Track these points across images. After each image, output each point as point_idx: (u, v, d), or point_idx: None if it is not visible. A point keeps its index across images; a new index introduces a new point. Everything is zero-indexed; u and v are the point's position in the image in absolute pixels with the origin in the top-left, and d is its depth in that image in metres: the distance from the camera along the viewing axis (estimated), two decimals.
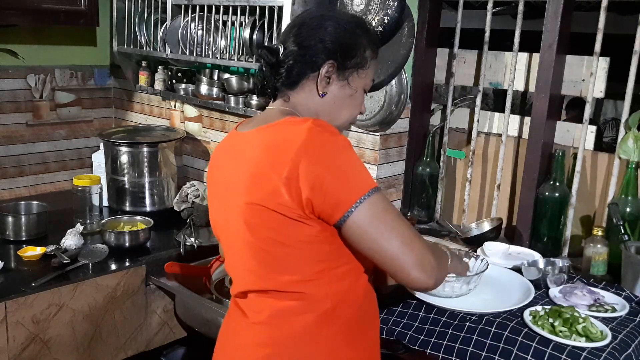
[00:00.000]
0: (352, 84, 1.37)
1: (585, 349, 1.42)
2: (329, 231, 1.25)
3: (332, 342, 1.30)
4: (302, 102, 1.36)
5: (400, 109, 2.22)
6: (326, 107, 1.37)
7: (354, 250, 1.28)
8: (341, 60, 1.34)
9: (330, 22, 1.35)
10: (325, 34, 1.33)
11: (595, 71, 1.96)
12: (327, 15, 1.38)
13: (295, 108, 1.36)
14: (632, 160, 1.91)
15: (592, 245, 1.91)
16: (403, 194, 2.45)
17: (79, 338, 2.23)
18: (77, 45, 3.23)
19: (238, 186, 1.29)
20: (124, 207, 2.81)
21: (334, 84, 1.36)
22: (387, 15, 2.04)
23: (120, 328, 2.32)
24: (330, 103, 1.37)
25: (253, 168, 1.26)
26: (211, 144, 2.96)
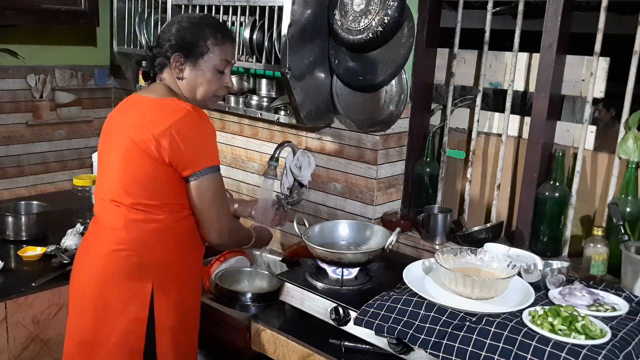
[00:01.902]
0: (200, 68, 1.82)
1: (585, 346, 1.42)
2: (178, 179, 1.76)
3: (168, 247, 1.82)
4: (169, 82, 1.85)
5: (400, 109, 2.22)
6: (185, 86, 1.84)
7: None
8: (186, 52, 1.81)
9: (175, 25, 1.83)
10: (171, 34, 1.82)
11: (595, 71, 1.96)
12: (177, 20, 1.86)
13: (169, 85, 1.85)
14: (632, 160, 1.91)
15: (592, 245, 1.91)
16: (403, 194, 2.45)
17: None
18: (77, 45, 3.24)
19: (128, 126, 1.79)
20: None
21: (186, 70, 1.83)
22: (387, 15, 2.04)
23: None
24: (188, 83, 1.84)
25: (138, 120, 1.77)
26: None
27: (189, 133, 1.73)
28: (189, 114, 1.75)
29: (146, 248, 1.79)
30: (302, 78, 2.23)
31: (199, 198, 1.78)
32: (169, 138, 1.71)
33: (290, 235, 2.65)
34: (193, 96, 1.85)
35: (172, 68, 1.83)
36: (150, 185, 1.77)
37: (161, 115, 1.75)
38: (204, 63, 1.82)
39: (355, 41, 2.12)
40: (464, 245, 2.10)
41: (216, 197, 1.80)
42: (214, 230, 1.83)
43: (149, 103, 1.81)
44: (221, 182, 1.83)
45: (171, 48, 1.81)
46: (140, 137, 1.74)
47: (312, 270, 2.00)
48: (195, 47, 1.80)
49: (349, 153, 2.38)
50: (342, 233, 2.12)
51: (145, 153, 1.73)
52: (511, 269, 1.73)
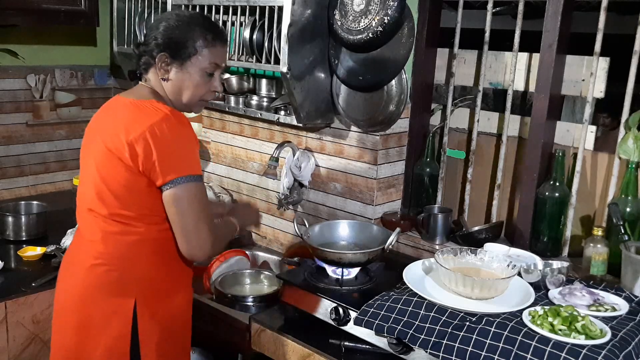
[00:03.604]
0: (187, 70, 1.70)
1: (585, 346, 1.42)
2: (154, 188, 1.62)
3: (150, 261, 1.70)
4: (154, 83, 1.73)
5: (400, 109, 2.22)
6: (170, 88, 1.73)
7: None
8: (172, 52, 1.69)
9: (163, 23, 1.71)
10: (158, 32, 1.70)
11: (595, 71, 1.96)
12: (165, 17, 1.74)
13: (153, 87, 1.73)
14: (632, 160, 1.91)
15: (592, 245, 1.91)
16: (403, 194, 2.45)
17: None
18: (77, 45, 3.24)
19: (103, 131, 1.68)
20: None
21: (172, 71, 1.71)
22: (387, 15, 2.04)
23: None
24: (173, 85, 1.72)
25: (114, 124, 1.65)
26: (211, 144, 2.96)
27: (164, 138, 1.59)
28: (166, 117, 1.61)
29: (126, 262, 1.68)
30: (302, 78, 2.23)
31: (174, 209, 1.62)
32: (143, 144, 1.58)
33: (290, 235, 2.65)
34: (178, 99, 1.74)
35: (157, 68, 1.71)
36: (126, 196, 1.65)
37: (136, 119, 1.62)
38: (191, 65, 1.70)
39: (355, 41, 2.12)
40: (464, 245, 2.10)
41: (194, 209, 1.62)
42: (194, 246, 1.64)
43: (126, 105, 1.69)
44: (201, 193, 1.65)
45: (157, 47, 1.69)
46: (114, 143, 1.62)
47: (312, 270, 2.00)
48: (183, 47, 1.68)
49: (349, 153, 2.38)
50: (342, 233, 2.12)
51: (119, 161, 1.61)
52: (511, 269, 1.73)
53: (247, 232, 2.82)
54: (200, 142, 2.99)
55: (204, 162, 3.01)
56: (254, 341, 1.99)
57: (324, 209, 2.51)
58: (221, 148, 2.91)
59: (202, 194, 1.66)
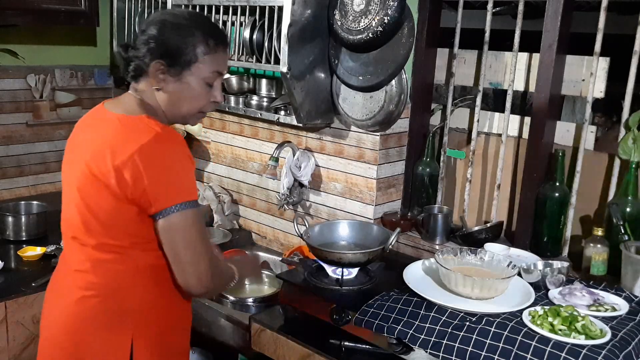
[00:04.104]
0: (185, 80, 1.51)
1: (585, 346, 1.42)
2: (146, 217, 1.45)
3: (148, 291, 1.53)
4: (146, 93, 1.53)
5: (400, 109, 2.22)
6: (164, 100, 1.53)
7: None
8: (169, 60, 1.49)
9: (157, 24, 1.50)
10: (151, 35, 1.49)
11: (595, 71, 1.96)
12: (160, 17, 1.53)
13: (144, 98, 1.54)
14: (632, 160, 1.91)
15: (592, 245, 1.91)
16: (403, 194, 2.45)
17: None
18: (77, 45, 3.23)
19: (86, 149, 1.50)
20: None
21: (168, 81, 1.51)
22: (387, 15, 2.04)
23: None
24: (170, 97, 1.53)
25: (99, 145, 1.46)
26: (211, 144, 2.96)
27: (155, 162, 1.41)
28: (157, 137, 1.43)
29: (122, 293, 1.51)
30: (302, 78, 2.22)
31: (169, 240, 1.45)
32: (132, 169, 1.40)
33: (290, 235, 2.65)
34: (173, 112, 1.55)
35: (150, 77, 1.51)
36: (114, 225, 1.48)
37: (124, 139, 1.44)
38: (190, 75, 1.51)
39: (355, 41, 2.12)
40: (464, 245, 2.10)
41: (191, 239, 1.46)
42: (192, 279, 1.47)
43: (113, 122, 1.49)
44: (199, 221, 1.48)
45: (151, 53, 1.49)
46: (99, 167, 1.44)
47: (312, 270, 2.00)
48: (182, 54, 1.48)
49: (349, 153, 2.38)
50: (342, 233, 2.12)
51: (105, 187, 1.44)
52: (511, 269, 1.73)
53: (244, 230, 2.82)
54: (200, 142, 2.99)
55: (204, 162, 3.01)
56: (254, 341, 1.99)
57: (324, 209, 2.51)
58: (221, 148, 2.91)
59: (200, 221, 1.49)
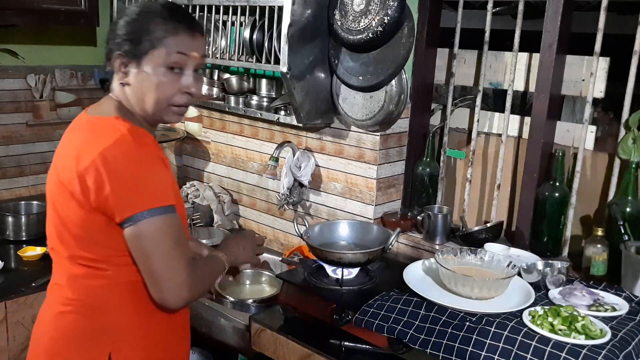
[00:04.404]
0: (146, 68, 1.41)
1: (585, 346, 1.42)
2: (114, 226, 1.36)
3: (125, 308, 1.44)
4: (117, 92, 1.47)
5: (400, 109, 2.22)
6: (132, 95, 1.45)
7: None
8: (128, 50, 1.42)
9: (123, 18, 1.45)
10: (116, 29, 1.44)
11: (595, 71, 1.96)
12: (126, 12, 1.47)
13: (118, 97, 1.47)
14: (632, 160, 1.91)
15: (592, 245, 1.91)
16: (403, 194, 2.45)
17: None
18: (77, 45, 3.23)
19: (59, 157, 1.46)
20: None
21: (131, 73, 1.43)
22: (387, 15, 2.04)
23: None
24: (134, 91, 1.44)
25: (68, 151, 1.41)
26: (211, 144, 2.96)
27: (117, 166, 1.32)
28: (121, 139, 1.34)
29: (97, 311, 1.43)
30: (302, 78, 2.23)
31: (138, 250, 1.36)
32: (94, 175, 1.32)
33: (290, 235, 2.65)
34: (143, 108, 1.45)
35: (115, 72, 1.46)
36: (85, 236, 1.40)
37: (88, 143, 1.37)
38: (149, 61, 1.41)
39: (355, 41, 2.12)
40: (464, 245, 2.10)
41: (164, 248, 1.34)
42: (166, 292, 1.36)
43: (83, 126, 1.44)
44: (172, 227, 1.36)
45: (114, 47, 1.43)
46: (66, 175, 1.38)
47: (312, 270, 2.00)
48: (140, 42, 1.40)
49: (349, 153, 2.38)
50: (342, 233, 2.12)
51: (71, 196, 1.37)
52: (511, 269, 1.73)
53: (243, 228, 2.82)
54: (200, 142, 2.99)
55: (204, 162, 3.01)
56: (254, 341, 1.99)
57: (324, 209, 2.51)
58: (221, 148, 2.91)
59: (173, 228, 1.37)
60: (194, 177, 3.05)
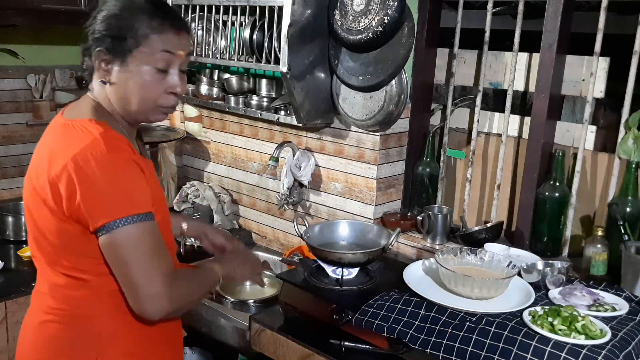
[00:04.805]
0: (132, 66, 1.36)
1: (585, 346, 1.42)
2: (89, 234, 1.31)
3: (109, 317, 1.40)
4: (96, 92, 1.42)
5: (400, 109, 2.22)
6: (114, 94, 1.39)
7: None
8: (111, 47, 1.36)
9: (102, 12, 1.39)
10: (96, 24, 1.39)
11: (595, 71, 1.96)
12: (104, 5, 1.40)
13: (96, 97, 1.42)
14: (632, 160, 1.91)
15: (592, 245, 1.92)
16: (403, 194, 2.45)
17: None
18: (77, 45, 3.21)
19: (31, 166, 1.40)
20: None
21: (113, 71, 1.37)
22: (387, 15, 2.04)
23: None
24: (117, 90, 1.38)
25: (40, 157, 1.36)
26: (211, 144, 2.96)
27: (89, 172, 1.26)
28: (93, 143, 1.28)
29: (80, 320, 1.40)
30: (302, 78, 2.22)
31: (114, 260, 1.31)
32: (65, 181, 1.27)
33: (290, 235, 2.65)
34: (126, 108, 1.40)
35: (96, 69, 1.40)
36: (60, 245, 1.35)
37: (60, 148, 1.31)
38: (134, 60, 1.35)
39: (355, 41, 2.12)
40: (464, 245, 2.10)
41: (139, 257, 1.29)
42: (145, 302, 1.30)
43: (57, 129, 1.38)
44: (147, 236, 1.31)
45: (95, 42, 1.38)
46: (39, 181, 1.34)
47: (312, 270, 2.00)
48: (123, 38, 1.35)
49: (349, 153, 2.38)
50: (342, 233, 2.12)
51: (44, 204, 1.33)
52: (511, 269, 1.73)
53: (244, 230, 2.83)
54: (200, 142, 2.99)
55: (204, 162, 3.01)
56: (254, 341, 1.99)
57: (324, 209, 2.51)
58: (221, 148, 2.91)
59: (149, 237, 1.31)
60: (194, 177, 3.05)
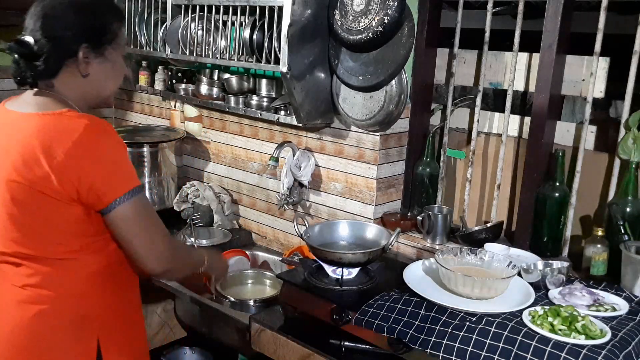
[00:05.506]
0: (110, 57, 1.49)
1: (585, 346, 1.42)
2: (93, 214, 1.43)
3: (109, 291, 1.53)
4: (67, 86, 1.46)
5: (400, 109, 2.22)
6: (91, 84, 1.49)
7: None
8: (94, 41, 1.45)
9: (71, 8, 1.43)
10: (70, 20, 1.42)
11: (595, 71, 1.96)
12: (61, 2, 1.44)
13: (62, 92, 1.46)
14: (632, 160, 1.91)
15: (592, 245, 1.91)
16: (403, 194, 2.45)
17: None
18: None
19: (3, 163, 1.41)
20: None
21: (93, 63, 1.46)
22: (387, 15, 2.04)
23: None
24: (94, 80, 1.48)
25: (24, 150, 1.37)
26: (211, 144, 2.96)
27: (93, 155, 1.37)
28: (88, 130, 1.38)
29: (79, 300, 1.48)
30: (302, 78, 2.23)
31: (123, 230, 1.44)
32: (73, 167, 1.36)
33: (290, 235, 2.65)
34: (98, 95, 1.53)
35: (78, 64, 1.45)
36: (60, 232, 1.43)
37: (54, 138, 1.37)
38: (113, 51, 1.50)
39: (355, 41, 2.12)
40: (464, 245, 2.10)
41: (145, 224, 1.46)
42: (152, 259, 1.48)
43: (35, 123, 1.40)
44: (147, 204, 1.49)
45: (76, 38, 1.43)
46: (33, 173, 1.37)
47: (312, 270, 2.00)
48: (104, 33, 1.47)
49: (349, 153, 2.38)
50: (342, 233, 2.12)
51: (42, 195, 1.38)
52: (511, 269, 1.73)
53: (243, 229, 2.83)
54: (200, 142, 3.00)
55: (204, 162, 3.01)
56: (254, 341, 1.99)
57: (324, 209, 2.51)
58: (221, 148, 2.91)
59: (148, 205, 1.50)
60: (194, 177, 3.05)
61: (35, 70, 1.43)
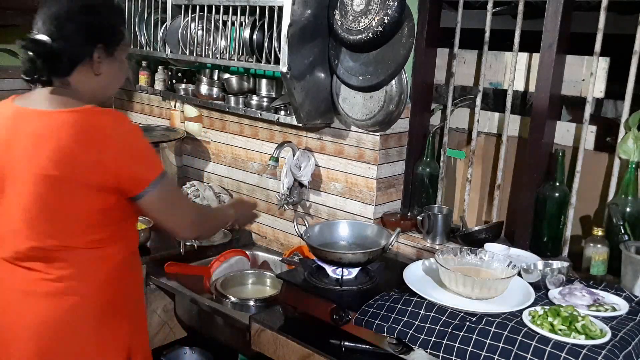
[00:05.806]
0: (118, 57, 1.59)
1: (585, 346, 1.42)
2: (123, 201, 1.51)
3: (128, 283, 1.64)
4: (81, 84, 1.53)
5: (400, 109, 2.22)
6: (102, 83, 1.57)
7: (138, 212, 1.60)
8: (108, 42, 1.54)
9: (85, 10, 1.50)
10: (85, 22, 1.49)
11: (595, 71, 1.96)
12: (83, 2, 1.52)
13: (77, 90, 1.53)
14: (632, 160, 1.91)
15: (592, 245, 1.91)
16: (403, 194, 2.45)
17: None
18: None
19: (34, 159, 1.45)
20: None
21: (104, 62, 1.55)
22: (387, 15, 2.04)
23: None
24: (104, 79, 1.57)
25: (59, 145, 1.43)
26: (211, 144, 2.96)
27: (126, 146, 1.48)
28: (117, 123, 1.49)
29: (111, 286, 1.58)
30: (302, 78, 2.23)
31: (158, 211, 1.57)
32: (113, 158, 1.45)
33: (290, 235, 2.65)
34: (106, 93, 1.62)
35: (92, 64, 1.53)
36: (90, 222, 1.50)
37: (92, 132, 1.45)
38: (121, 51, 1.60)
39: (355, 41, 2.12)
40: (464, 245, 2.10)
41: (173, 199, 1.62)
42: (185, 228, 1.66)
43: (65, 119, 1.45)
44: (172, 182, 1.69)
45: (92, 39, 1.51)
46: (71, 167, 1.43)
47: (312, 270, 2.00)
48: (116, 33, 1.57)
49: (349, 153, 2.38)
50: (342, 233, 2.12)
51: (86, 187, 1.45)
52: (511, 269, 1.73)
53: (243, 229, 2.82)
54: (200, 142, 3.00)
55: (204, 162, 3.01)
56: (254, 341, 1.99)
57: (324, 209, 2.51)
58: (221, 148, 2.91)
59: (174, 183, 1.75)
60: (194, 177, 3.05)
61: (52, 68, 1.49)
